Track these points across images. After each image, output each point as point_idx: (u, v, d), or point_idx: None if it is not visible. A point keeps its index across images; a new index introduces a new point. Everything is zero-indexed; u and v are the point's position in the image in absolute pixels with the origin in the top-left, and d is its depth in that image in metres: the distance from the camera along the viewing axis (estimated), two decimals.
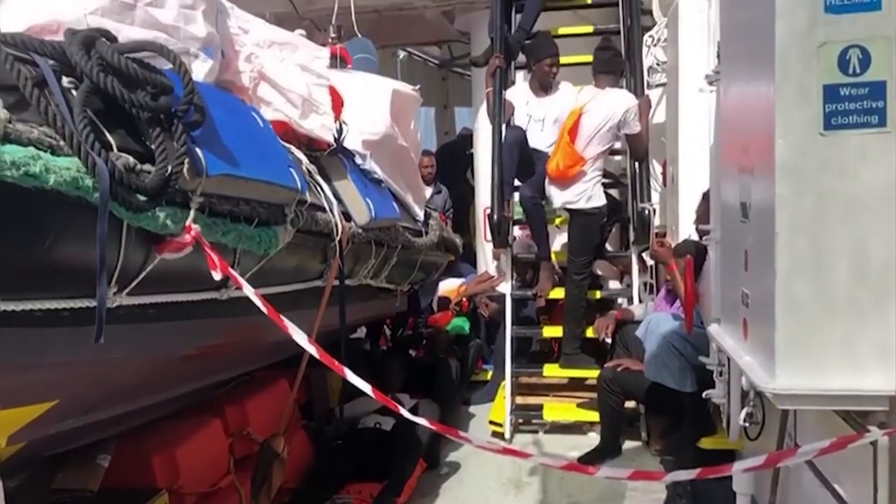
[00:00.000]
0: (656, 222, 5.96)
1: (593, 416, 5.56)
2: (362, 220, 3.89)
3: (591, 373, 5.76)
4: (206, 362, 3.41)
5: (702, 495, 4.15)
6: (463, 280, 7.97)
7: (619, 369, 5.24)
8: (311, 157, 3.71)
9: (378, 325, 7.18)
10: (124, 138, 2.26)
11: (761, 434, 3.32)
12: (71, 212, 2.06)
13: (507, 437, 5.71)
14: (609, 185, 6.50)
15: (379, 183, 4.47)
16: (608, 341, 5.79)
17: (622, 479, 3.08)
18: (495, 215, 5.87)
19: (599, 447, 5.29)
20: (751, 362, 2.55)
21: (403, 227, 4.83)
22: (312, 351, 2.53)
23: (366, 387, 2.56)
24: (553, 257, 6.26)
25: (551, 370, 6.03)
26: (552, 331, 6.21)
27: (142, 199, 2.18)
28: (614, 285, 6.68)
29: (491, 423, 5.87)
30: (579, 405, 5.86)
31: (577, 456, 5.11)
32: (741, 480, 3.40)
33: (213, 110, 2.57)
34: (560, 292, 6.13)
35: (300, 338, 2.53)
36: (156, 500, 3.23)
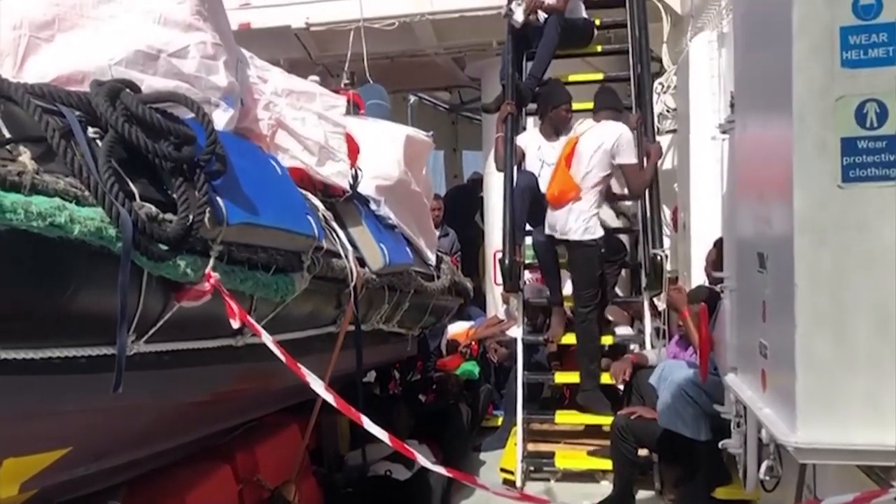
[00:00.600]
0: (668, 267, 5.95)
1: (606, 464, 5.49)
2: (376, 265, 3.90)
3: (604, 419, 5.70)
4: (218, 408, 3.40)
5: None
6: (472, 323, 7.95)
7: (632, 417, 5.19)
8: (327, 204, 3.74)
9: (387, 368, 7.14)
10: (147, 187, 2.28)
11: (778, 486, 3.27)
12: (93, 260, 2.08)
13: (518, 484, 5.63)
14: (620, 231, 6.51)
15: (392, 228, 4.49)
16: (621, 387, 5.74)
17: None
18: (506, 260, 5.87)
19: (612, 496, 5.21)
20: (770, 415, 2.53)
21: (416, 271, 4.84)
22: (330, 399, 2.53)
23: (383, 434, 2.55)
24: (565, 302, 6.24)
25: (563, 416, 5.97)
26: (564, 377, 6.17)
27: (163, 248, 2.19)
28: (626, 331, 6.65)
29: (502, 471, 5.80)
30: (592, 453, 5.79)
31: None
32: None
33: (233, 159, 2.60)
34: (572, 338, 6.10)
35: (318, 386, 2.53)
36: None
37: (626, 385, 5.68)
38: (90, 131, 2.21)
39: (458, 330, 7.65)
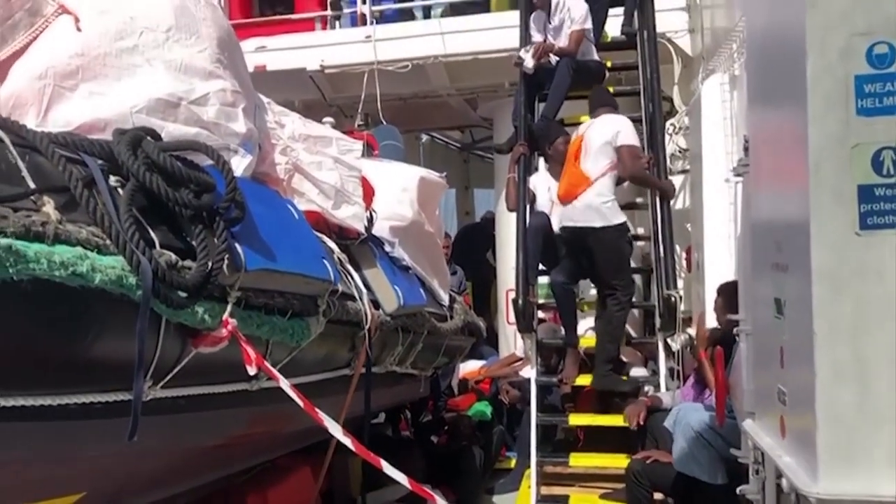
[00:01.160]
0: (681, 308, 5.93)
1: None
2: (391, 307, 3.91)
3: (619, 462, 5.64)
4: (231, 451, 3.39)
5: None
6: (484, 362, 7.92)
7: (647, 461, 5.13)
8: (342, 246, 3.76)
9: (398, 409, 7.10)
10: (167, 234, 2.31)
11: None
12: (112, 308, 2.10)
13: None
14: (633, 270, 6.49)
15: (406, 269, 4.51)
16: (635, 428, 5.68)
17: None
18: (520, 300, 5.86)
19: None
20: (791, 463, 2.49)
21: (429, 312, 4.84)
22: (348, 443, 2.52)
23: (402, 478, 2.53)
24: (580, 343, 6.21)
25: (577, 459, 5.90)
26: (578, 419, 6.11)
27: (182, 295, 2.21)
28: (640, 372, 6.60)
29: None
30: (606, 496, 5.71)
31: None
32: None
33: (251, 205, 2.63)
34: (586, 379, 6.05)
35: (335, 430, 2.52)
36: None
37: (640, 428, 5.62)
38: (112, 179, 2.24)
39: (469, 369, 7.61)
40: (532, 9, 6.99)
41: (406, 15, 9.01)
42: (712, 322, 5.09)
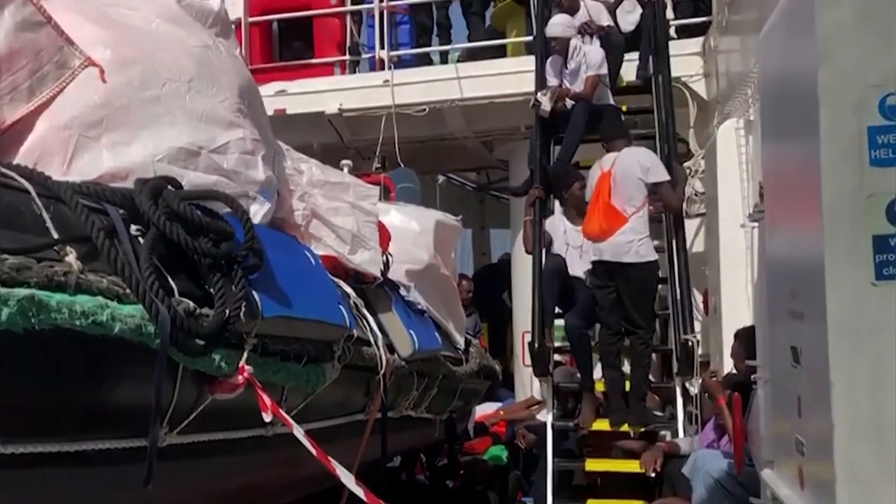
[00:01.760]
0: (699, 351, 5.88)
1: None
2: (406, 352, 3.92)
3: None
4: (247, 496, 3.38)
5: None
6: (500, 405, 7.86)
7: None
8: (358, 290, 3.78)
9: (414, 452, 7.05)
10: (185, 282, 2.34)
11: None
12: (130, 355, 2.13)
13: None
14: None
15: (422, 313, 4.52)
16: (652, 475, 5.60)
17: None
18: (535, 344, 5.85)
19: None
20: None
21: (444, 355, 4.84)
22: (360, 493, 2.51)
23: None
24: (597, 387, 6.16)
25: None
26: (595, 464, 6.03)
27: (199, 343, 2.23)
28: (657, 416, 6.52)
29: None
30: None
31: None
32: None
33: (269, 251, 2.66)
34: (603, 424, 5.99)
35: (348, 479, 2.51)
36: None
37: (657, 475, 5.54)
38: (133, 228, 2.28)
39: (486, 411, 7.56)
40: (549, 54, 7.08)
41: (424, 60, 9.14)
42: (729, 367, 5.06)
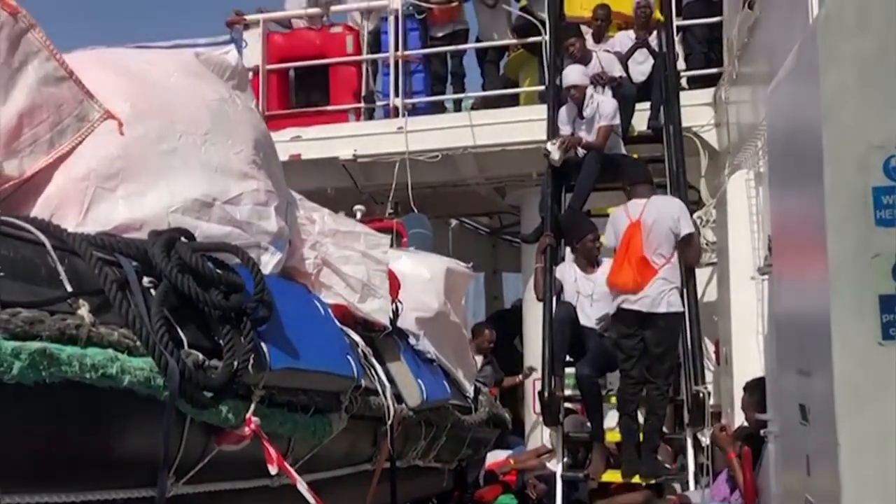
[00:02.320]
0: (710, 402, 5.82)
1: None
2: (414, 402, 3.91)
3: None
4: None
5: None
6: (510, 452, 7.77)
7: None
8: (366, 339, 3.79)
9: (423, 502, 6.97)
10: (195, 333, 2.37)
11: None
12: (139, 407, 2.15)
13: None
14: None
15: (431, 362, 4.51)
16: None
17: None
18: (546, 393, 5.81)
19: None
20: None
21: (453, 405, 4.82)
22: None
23: None
24: (607, 437, 6.10)
25: None
26: None
27: (207, 395, 2.25)
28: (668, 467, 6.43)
29: None
30: None
31: None
32: None
33: (279, 302, 2.69)
34: (614, 475, 5.92)
35: None
36: None
37: None
38: (146, 280, 2.32)
39: (496, 459, 7.48)
40: (563, 102, 7.16)
41: (437, 107, 9.26)
42: (740, 418, 5.01)
